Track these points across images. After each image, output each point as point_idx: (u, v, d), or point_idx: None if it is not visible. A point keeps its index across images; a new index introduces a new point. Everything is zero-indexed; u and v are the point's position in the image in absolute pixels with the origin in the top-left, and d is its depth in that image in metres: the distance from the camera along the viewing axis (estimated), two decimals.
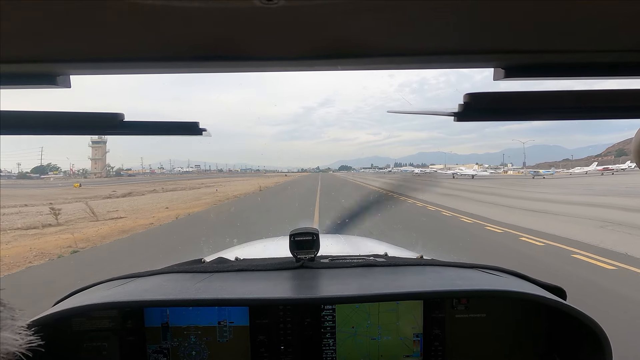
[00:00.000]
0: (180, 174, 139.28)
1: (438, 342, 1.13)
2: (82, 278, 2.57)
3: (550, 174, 54.48)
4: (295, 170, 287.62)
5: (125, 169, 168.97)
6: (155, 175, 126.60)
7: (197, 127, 0.59)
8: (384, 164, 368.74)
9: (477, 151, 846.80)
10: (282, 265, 1.24)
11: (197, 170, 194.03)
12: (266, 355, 1.10)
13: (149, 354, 1.10)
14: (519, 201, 16.57)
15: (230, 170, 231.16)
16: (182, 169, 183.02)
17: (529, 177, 51.81)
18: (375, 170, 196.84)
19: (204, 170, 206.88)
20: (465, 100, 0.53)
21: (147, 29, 0.46)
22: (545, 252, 6.60)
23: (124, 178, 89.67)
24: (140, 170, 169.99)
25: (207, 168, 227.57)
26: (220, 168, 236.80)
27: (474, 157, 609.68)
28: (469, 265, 1.23)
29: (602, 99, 0.51)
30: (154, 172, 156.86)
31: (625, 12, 0.43)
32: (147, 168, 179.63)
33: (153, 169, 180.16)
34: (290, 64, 0.55)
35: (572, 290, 1.09)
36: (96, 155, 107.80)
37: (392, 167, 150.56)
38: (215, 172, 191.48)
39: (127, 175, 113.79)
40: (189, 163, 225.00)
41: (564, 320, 1.03)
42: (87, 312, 1.01)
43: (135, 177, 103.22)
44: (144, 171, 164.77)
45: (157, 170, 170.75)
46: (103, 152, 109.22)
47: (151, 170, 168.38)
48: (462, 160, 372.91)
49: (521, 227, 9.06)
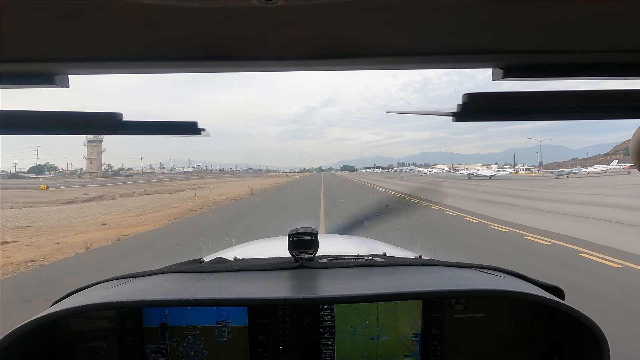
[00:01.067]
0: (181, 174, 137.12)
1: (437, 342, 1.12)
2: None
3: (576, 172, 49.91)
4: (297, 170, 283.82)
5: (127, 168, 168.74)
6: (154, 175, 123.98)
7: (196, 127, 0.58)
8: (387, 164, 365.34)
9: (479, 151, 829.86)
10: (281, 265, 1.23)
11: (198, 170, 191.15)
12: (265, 355, 1.10)
13: (147, 354, 1.10)
14: (578, 207, 12.85)
15: (232, 170, 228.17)
16: (183, 168, 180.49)
17: (550, 177, 47.44)
18: (379, 170, 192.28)
19: (206, 170, 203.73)
20: (464, 101, 0.53)
21: (145, 29, 0.46)
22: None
23: (119, 178, 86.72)
24: (140, 170, 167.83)
25: (209, 168, 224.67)
26: (222, 168, 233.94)
27: (477, 157, 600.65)
28: (468, 265, 1.23)
29: (601, 99, 0.51)
30: (154, 172, 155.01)
31: (625, 12, 0.43)
32: (148, 168, 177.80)
33: (154, 168, 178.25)
34: (289, 64, 0.55)
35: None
36: (92, 154, 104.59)
37: (398, 167, 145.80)
38: (217, 172, 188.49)
39: (125, 175, 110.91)
40: (189, 163, 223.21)
41: (563, 320, 1.03)
42: (85, 312, 1.02)
43: (132, 177, 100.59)
44: (145, 171, 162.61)
45: (158, 170, 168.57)
46: (99, 151, 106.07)
47: (151, 170, 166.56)
48: (465, 160, 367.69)
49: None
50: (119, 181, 62.81)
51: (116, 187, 36.90)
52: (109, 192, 26.98)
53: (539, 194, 20.27)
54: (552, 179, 43.01)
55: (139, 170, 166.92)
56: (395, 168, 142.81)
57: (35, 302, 4.57)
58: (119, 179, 77.34)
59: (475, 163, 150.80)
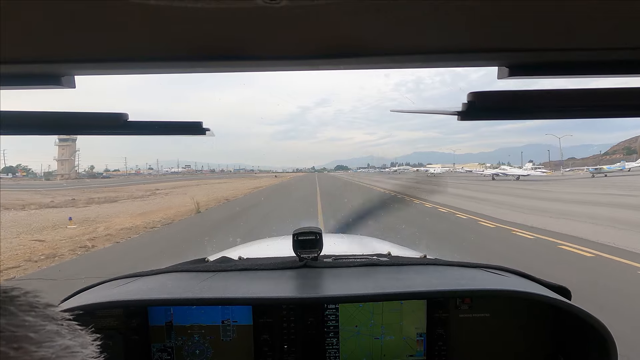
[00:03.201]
0: (169, 174, 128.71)
1: (441, 342, 1.11)
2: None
3: (620, 170, 42.80)
4: (290, 170, 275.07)
5: (113, 170, 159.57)
6: (137, 176, 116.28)
7: (201, 126, 0.59)
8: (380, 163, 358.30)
9: (472, 151, 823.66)
10: (286, 265, 1.22)
11: (187, 170, 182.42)
12: (269, 354, 1.09)
13: (153, 353, 1.10)
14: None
15: (223, 170, 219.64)
16: (171, 169, 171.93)
17: (586, 176, 40.43)
18: (376, 170, 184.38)
19: (195, 170, 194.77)
20: (470, 99, 0.52)
21: (150, 30, 0.46)
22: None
23: (90, 181, 77.98)
24: (124, 171, 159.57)
25: (200, 168, 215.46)
26: (212, 168, 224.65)
27: (469, 156, 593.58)
28: (473, 265, 1.21)
29: (610, 97, 0.50)
30: (140, 173, 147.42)
31: (630, 9, 0.42)
32: (135, 168, 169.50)
33: (139, 169, 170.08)
34: (293, 64, 0.55)
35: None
36: (63, 155, 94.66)
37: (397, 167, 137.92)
38: (208, 172, 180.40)
39: (102, 177, 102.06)
40: (178, 163, 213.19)
41: (569, 321, 1.01)
42: (91, 310, 1.01)
43: (110, 179, 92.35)
44: (130, 172, 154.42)
45: (145, 171, 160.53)
46: (72, 152, 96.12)
47: (137, 171, 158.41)
48: (457, 159, 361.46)
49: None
50: (86, 184, 54.84)
51: (68, 191, 28.85)
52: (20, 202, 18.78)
53: (614, 199, 12.79)
54: (587, 178, 36.36)
55: (125, 171, 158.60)
56: (395, 167, 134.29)
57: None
58: (91, 181, 69.35)
59: (468, 162, 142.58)
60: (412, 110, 0.62)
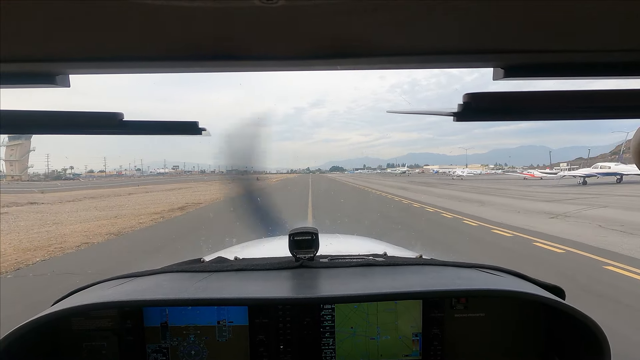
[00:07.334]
0: (155, 175, 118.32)
1: (437, 341, 1.11)
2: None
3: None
4: (284, 171, 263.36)
5: (99, 171, 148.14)
6: (115, 178, 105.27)
7: (197, 126, 0.58)
8: (375, 164, 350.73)
9: (466, 152, 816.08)
10: (282, 265, 1.22)
11: (174, 171, 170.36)
12: (265, 354, 1.09)
13: (148, 354, 1.09)
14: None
15: (214, 171, 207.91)
16: (157, 170, 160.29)
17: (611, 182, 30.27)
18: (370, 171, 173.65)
19: (184, 171, 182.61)
20: (465, 100, 0.52)
21: (146, 29, 0.45)
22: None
23: (43, 183, 66.57)
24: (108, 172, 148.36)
25: (189, 169, 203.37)
26: (202, 169, 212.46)
27: (463, 158, 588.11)
28: (468, 265, 1.21)
29: (603, 98, 0.51)
30: (121, 174, 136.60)
31: (626, 12, 0.42)
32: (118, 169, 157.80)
33: (121, 170, 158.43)
34: (290, 64, 0.54)
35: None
36: (12, 156, 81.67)
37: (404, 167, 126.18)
38: (198, 173, 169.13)
39: (65, 179, 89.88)
40: (164, 164, 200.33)
41: (563, 320, 1.02)
42: (86, 311, 1.00)
43: (74, 180, 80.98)
44: (111, 173, 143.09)
45: (129, 172, 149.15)
46: (24, 152, 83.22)
47: (118, 172, 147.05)
48: (452, 161, 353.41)
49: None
50: (35, 187, 43.91)
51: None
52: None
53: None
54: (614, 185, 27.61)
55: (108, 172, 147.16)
56: (405, 169, 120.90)
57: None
58: (36, 185, 58.17)
59: (462, 164, 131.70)
60: (409, 111, 0.62)
